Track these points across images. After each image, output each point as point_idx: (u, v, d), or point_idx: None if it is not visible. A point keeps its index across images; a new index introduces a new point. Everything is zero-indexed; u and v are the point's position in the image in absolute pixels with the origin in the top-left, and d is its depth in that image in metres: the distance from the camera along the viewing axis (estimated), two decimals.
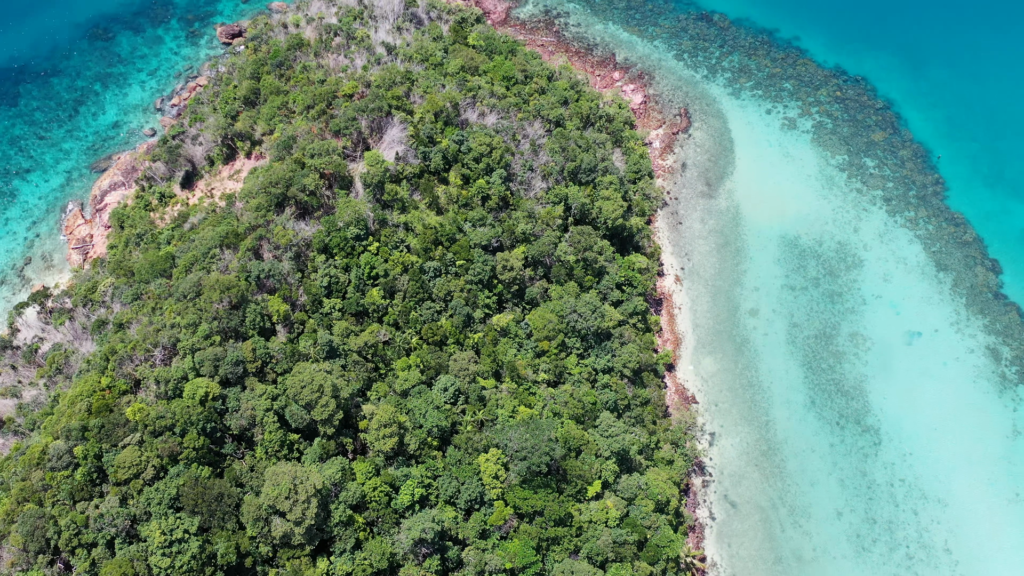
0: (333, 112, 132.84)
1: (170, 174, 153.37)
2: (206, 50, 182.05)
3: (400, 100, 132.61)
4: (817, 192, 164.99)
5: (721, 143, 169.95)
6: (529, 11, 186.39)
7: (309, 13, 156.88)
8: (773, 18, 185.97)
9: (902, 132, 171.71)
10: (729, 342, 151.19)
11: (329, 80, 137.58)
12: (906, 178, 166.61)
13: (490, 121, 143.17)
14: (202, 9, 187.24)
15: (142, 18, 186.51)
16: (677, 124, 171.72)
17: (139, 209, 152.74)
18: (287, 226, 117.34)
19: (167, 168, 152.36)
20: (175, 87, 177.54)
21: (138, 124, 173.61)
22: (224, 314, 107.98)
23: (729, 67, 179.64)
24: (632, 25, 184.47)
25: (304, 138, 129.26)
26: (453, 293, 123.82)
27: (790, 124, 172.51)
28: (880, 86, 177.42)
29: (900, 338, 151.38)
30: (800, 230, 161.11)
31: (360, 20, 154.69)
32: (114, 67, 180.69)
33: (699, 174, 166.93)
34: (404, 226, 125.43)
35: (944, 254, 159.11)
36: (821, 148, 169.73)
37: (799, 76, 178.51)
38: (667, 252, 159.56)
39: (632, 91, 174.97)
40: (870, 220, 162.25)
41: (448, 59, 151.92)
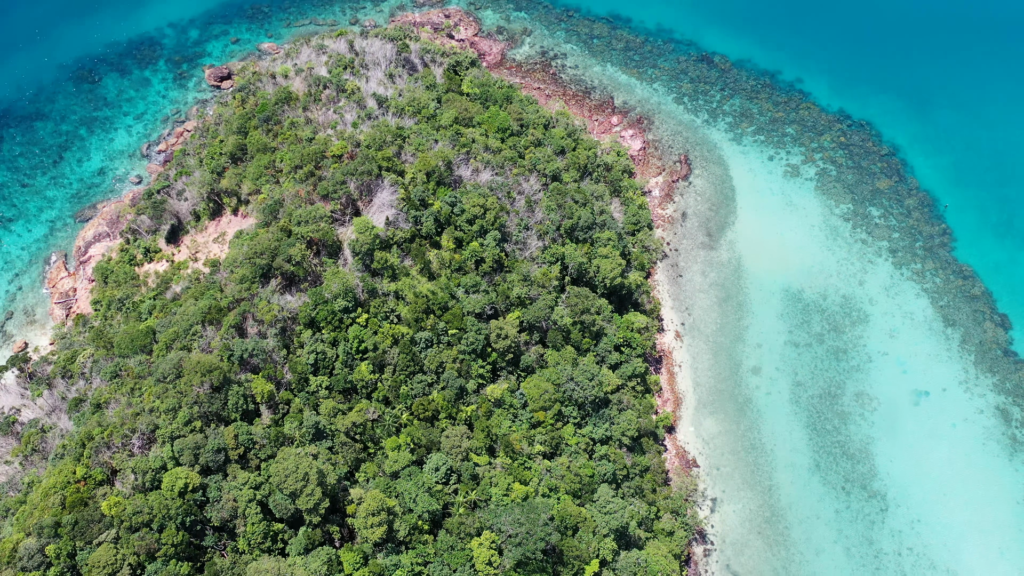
0: (321, 174, 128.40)
1: (155, 228, 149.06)
2: (194, 93, 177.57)
3: (391, 161, 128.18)
4: (821, 243, 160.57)
5: (722, 191, 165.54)
6: (525, 52, 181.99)
7: (298, 62, 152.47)
8: (775, 60, 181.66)
9: (908, 179, 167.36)
10: (731, 402, 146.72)
11: (318, 138, 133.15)
12: (912, 228, 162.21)
13: (484, 178, 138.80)
14: (190, 50, 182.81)
15: (129, 59, 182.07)
16: (677, 171, 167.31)
17: (123, 264, 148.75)
18: (272, 300, 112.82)
19: (152, 222, 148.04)
20: (162, 132, 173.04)
21: (124, 171, 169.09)
22: (205, 398, 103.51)
23: (730, 111, 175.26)
24: (631, 67, 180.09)
25: (291, 202, 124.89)
26: (445, 364, 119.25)
27: (793, 171, 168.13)
28: (885, 131, 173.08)
29: (907, 398, 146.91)
30: (804, 283, 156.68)
31: (351, 70, 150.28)
32: (100, 111, 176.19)
33: (700, 224, 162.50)
34: (395, 294, 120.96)
35: (952, 308, 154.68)
36: (825, 196, 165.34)
37: (802, 121, 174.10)
38: (667, 307, 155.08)
39: (631, 137, 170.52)
40: (876, 273, 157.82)
41: (441, 110, 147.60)
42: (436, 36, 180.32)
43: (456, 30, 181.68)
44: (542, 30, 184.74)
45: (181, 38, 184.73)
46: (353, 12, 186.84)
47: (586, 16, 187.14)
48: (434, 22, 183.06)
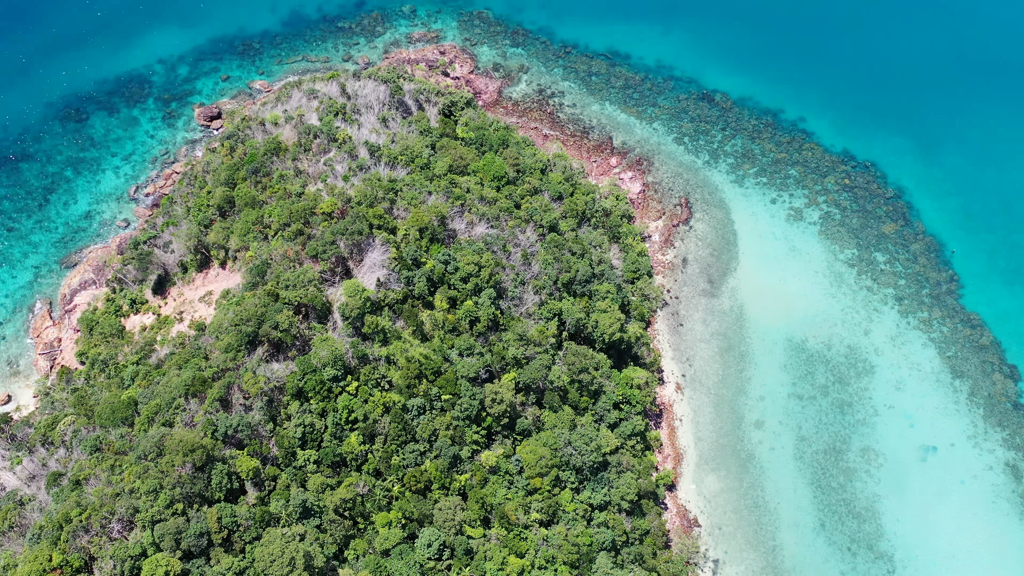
0: (311, 232, 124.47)
1: (142, 278, 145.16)
2: (183, 132, 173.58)
3: (382, 219, 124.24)
4: (825, 290, 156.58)
5: (724, 236, 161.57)
6: (522, 90, 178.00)
7: (288, 109, 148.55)
8: (777, 98, 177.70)
9: (914, 223, 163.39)
10: (733, 458, 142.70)
11: (307, 193, 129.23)
12: (919, 275, 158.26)
13: (479, 231, 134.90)
14: (180, 88, 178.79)
15: (117, 97, 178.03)
16: (677, 215, 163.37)
17: (109, 315, 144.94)
18: (258, 371, 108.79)
19: (138, 272, 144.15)
20: (150, 174, 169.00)
21: (111, 215, 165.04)
22: (187, 478, 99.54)
23: (732, 152, 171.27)
24: (630, 106, 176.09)
25: (279, 263, 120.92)
26: (439, 432, 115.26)
27: (796, 215, 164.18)
28: (890, 172, 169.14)
29: (914, 453, 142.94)
30: (807, 332, 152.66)
31: (342, 116, 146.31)
32: (87, 151, 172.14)
33: (701, 270, 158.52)
34: (386, 359, 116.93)
35: (960, 359, 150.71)
36: (829, 241, 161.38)
37: (805, 162, 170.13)
38: (667, 357, 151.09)
39: (630, 179, 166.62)
40: (881, 321, 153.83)
41: (435, 158, 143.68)
42: (431, 74, 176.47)
43: (451, 68, 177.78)
44: (539, 67, 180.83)
45: (171, 75, 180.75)
46: (346, 48, 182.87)
47: (584, 53, 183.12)
48: (429, 59, 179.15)
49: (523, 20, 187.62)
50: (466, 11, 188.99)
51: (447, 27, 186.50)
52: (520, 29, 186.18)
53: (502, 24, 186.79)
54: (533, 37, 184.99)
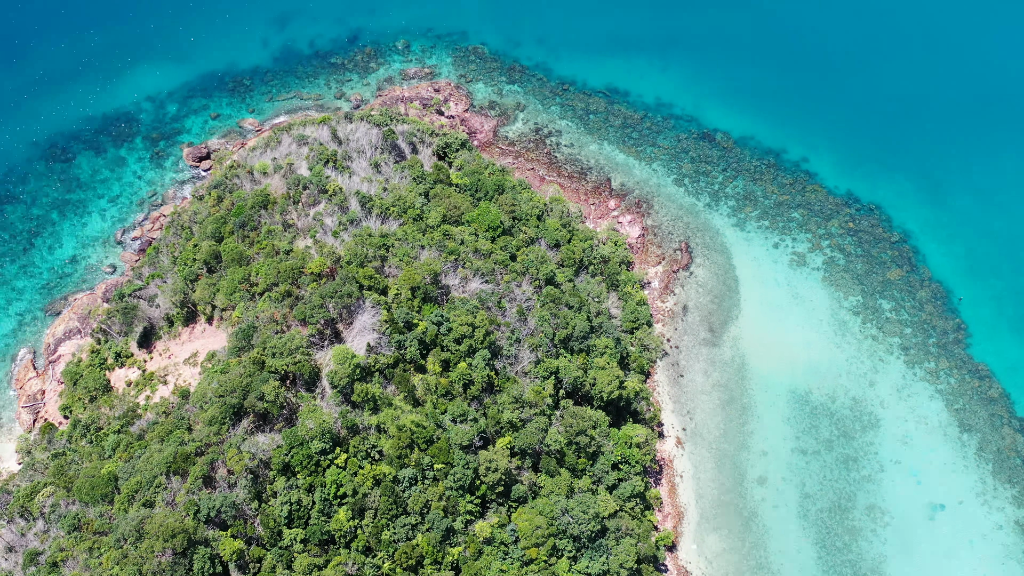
0: (299, 293, 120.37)
1: (127, 330, 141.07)
2: (171, 173, 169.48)
3: (373, 279, 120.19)
4: (829, 339, 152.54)
5: (725, 282, 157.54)
6: (518, 129, 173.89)
7: (277, 156, 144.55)
8: (779, 137, 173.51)
9: (920, 269, 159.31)
10: (735, 516, 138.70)
11: (296, 250, 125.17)
12: (925, 323, 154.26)
13: (473, 287, 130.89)
14: (168, 126, 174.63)
15: (104, 136, 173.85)
16: (678, 260, 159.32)
17: (94, 368, 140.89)
18: (243, 447, 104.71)
19: (123, 325, 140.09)
20: (137, 217, 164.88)
21: (97, 259, 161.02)
22: (167, 565, 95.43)
23: (733, 194, 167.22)
24: (629, 145, 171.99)
25: (266, 326, 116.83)
26: (431, 503, 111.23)
27: (799, 260, 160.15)
28: (896, 215, 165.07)
29: (921, 511, 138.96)
30: (811, 384, 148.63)
31: (333, 163, 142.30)
32: (73, 193, 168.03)
33: (701, 318, 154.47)
34: (376, 428, 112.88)
35: (968, 412, 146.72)
36: (833, 288, 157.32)
37: (808, 204, 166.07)
38: (667, 410, 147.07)
39: (629, 223, 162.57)
40: (887, 372, 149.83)
41: (429, 207, 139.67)
42: (425, 112, 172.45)
43: (446, 106, 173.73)
44: (536, 105, 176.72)
45: (159, 113, 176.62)
46: (339, 85, 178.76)
47: (582, 90, 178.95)
48: (423, 96, 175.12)
49: (519, 56, 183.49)
50: (461, 46, 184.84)
51: (442, 63, 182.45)
52: (516, 65, 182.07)
53: (498, 60, 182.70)
54: (530, 73, 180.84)
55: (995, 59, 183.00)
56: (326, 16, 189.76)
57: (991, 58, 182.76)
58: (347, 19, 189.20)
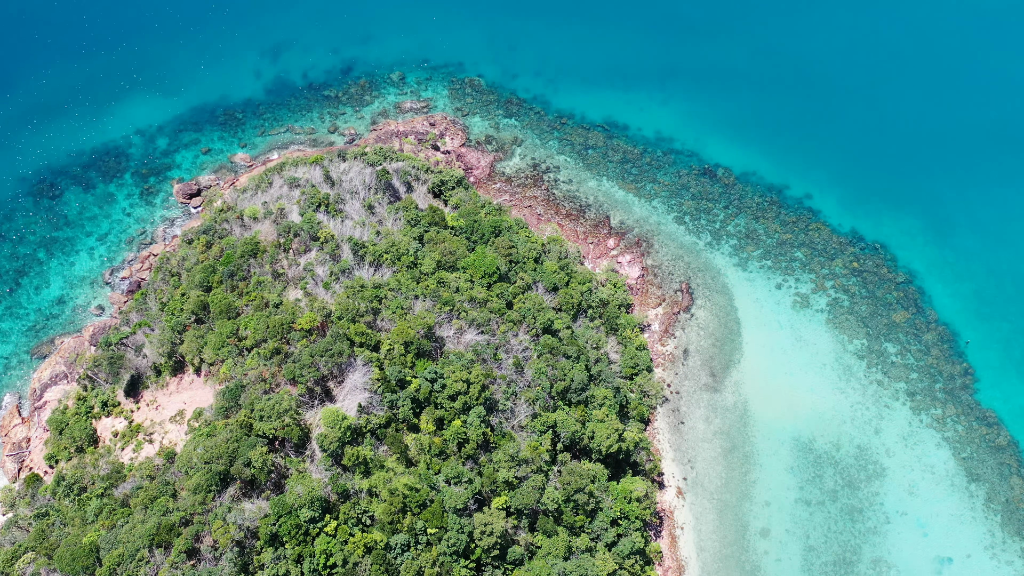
0: (289, 349, 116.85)
1: (114, 380, 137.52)
2: (161, 210, 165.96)
3: (365, 335, 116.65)
4: (833, 384, 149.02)
5: (727, 324, 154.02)
6: (515, 165, 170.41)
7: (268, 200, 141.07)
8: (782, 173, 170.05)
9: (926, 311, 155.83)
10: (737, 571, 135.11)
11: (285, 304, 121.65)
12: (931, 367, 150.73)
13: (468, 338, 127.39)
14: (158, 161, 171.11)
15: (93, 171, 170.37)
16: (678, 302, 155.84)
17: (80, 417, 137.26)
18: (228, 517, 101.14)
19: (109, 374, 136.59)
20: (126, 256, 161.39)
21: (85, 300, 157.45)
22: None
23: (735, 232, 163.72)
24: (628, 182, 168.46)
25: (254, 385, 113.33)
26: (424, 570, 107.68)
27: (802, 301, 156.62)
28: (901, 254, 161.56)
29: (929, 565, 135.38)
30: (815, 431, 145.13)
31: (325, 207, 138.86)
32: (60, 230, 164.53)
33: (703, 362, 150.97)
34: (368, 492, 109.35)
35: (976, 461, 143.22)
36: (837, 331, 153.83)
37: (811, 243, 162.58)
38: (668, 458, 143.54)
39: (628, 263, 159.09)
40: (893, 419, 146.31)
41: (423, 253, 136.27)
42: (420, 148, 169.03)
43: (442, 141, 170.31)
44: (533, 139, 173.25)
45: (149, 147, 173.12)
46: (332, 119, 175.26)
47: (580, 124, 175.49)
48: (418, 131, 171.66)
49: (517, 88, 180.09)
50: (458, 78, 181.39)
51: (438, 95, 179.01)
52: (514, 98, 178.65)
53: (495, 93, 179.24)
54: (527, 107, 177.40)
55: (1002, 92, 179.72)
56: (320, 46, 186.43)
57: (998, 91, 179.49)
58: (341, 50, 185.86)
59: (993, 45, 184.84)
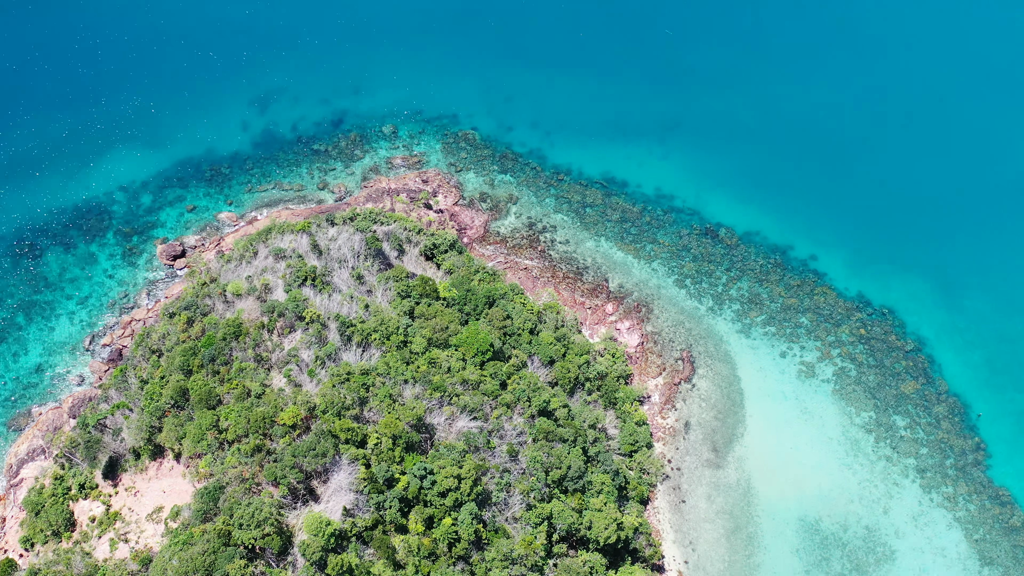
0: (270, 446, 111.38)
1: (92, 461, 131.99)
2: (144, 272, 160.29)
3: (351, 431, 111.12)
4: (840, 460, 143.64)
5: (729, 396, 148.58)
6: (511, 224, 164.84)
7: (252, 273, 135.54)
8: (786, 233, 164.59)
9: (936, 381, 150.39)
10: None
11: (267, 395, 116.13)
12: (942, 442, 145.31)
13: (461, 425, 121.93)
14: (141, 220, 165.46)
15: (74, 231, 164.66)
16: (679, 371, 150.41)
17: (57, 498, 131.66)
18: None
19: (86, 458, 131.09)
20: (108, 321, 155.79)
21: (64, 368, 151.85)
22: None
23: (738, 296, 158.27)
24: (627, 242, 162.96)
25: (234, 486, 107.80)
26: None
27: (808, 371, 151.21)
28: (909, 320, 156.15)
29: None
30: (821, 511, 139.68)
31: (312, 281, 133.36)
32: (40, 293, 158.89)
33: (704, 436, 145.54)
34: None
35: (988, 543, 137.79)
36: (844, 403, 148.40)
37: (817, 308, 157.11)
38: (668, 540, 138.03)
39: (628, 330, 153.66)
40: (902, 498, 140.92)
41: (413, 330, 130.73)
42: (412, 207, 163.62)
43: (435, 200, 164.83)
44: (529, 197, 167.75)
45: (132, 204, 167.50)
46: (322, 175, 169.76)
47: (578, 181, 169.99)
48: (410, 188, 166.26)
49: (512, 142, 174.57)
50: (451, 131, 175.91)
51: (430, 150, 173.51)
52: (509, 153, 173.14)
53: (490, 147, 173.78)
54: (523, 162, 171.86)
55: (1015, 152, 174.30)
56: (310, 96, 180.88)
57: (1010, 150, 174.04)
58: (332, 100, 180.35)
59: (1006, 103, 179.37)
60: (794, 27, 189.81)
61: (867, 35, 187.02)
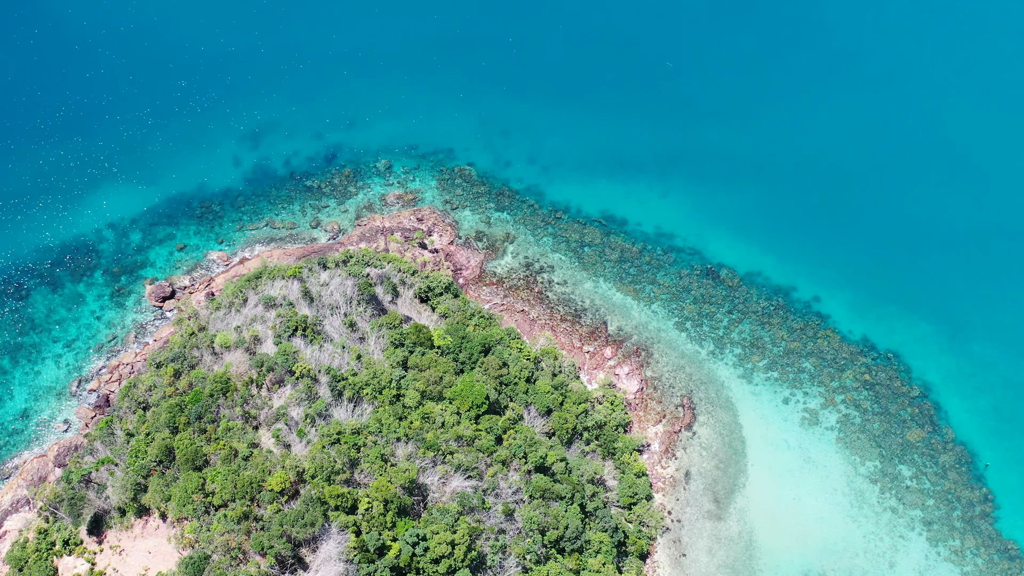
0: (258, 512, 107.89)
1: (76, 518, 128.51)
2: (132, 314, 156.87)
3: (341, 497, 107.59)
4: (845, 512, 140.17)
5: (731, 444, 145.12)
6: (507, 264, 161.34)
7: (241, 323, 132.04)
8: (788, 274, 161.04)
9: (942, 429, 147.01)
10: None
11: (255, 458, 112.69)
12: (949, 492, 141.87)
13: (455, 484, 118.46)
14: (130, 259, 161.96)
15: (61, 270, 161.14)
16: (679, 419, 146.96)
17: (41, 554, 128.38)
18: None
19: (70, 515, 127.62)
20: (95, 365, 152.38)
21: (50, 414, 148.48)
22: None
23: (739, 340, 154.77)
24: (626, 283, 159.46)
25: (220, 556, 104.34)
26: None
27: (811, 418, 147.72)
28: (915, 365, 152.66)
29: None
30: (826, 565, 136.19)
31: (302, 332, 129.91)
32: (26, 335, 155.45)
33: (705, 486, 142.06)
34: None
35: None
36: (848, 451, 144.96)
37: (820, 353, 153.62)
38: None
39: (627, 375, 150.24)
40: (908, 551, 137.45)
41: (406, 382, 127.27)
42: (407, 246, 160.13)
43: (430, 239, 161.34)
44: (526, 235, 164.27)
45: (121, 243, 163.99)
46: (315, 212, 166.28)
47: (576, 218, 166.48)
48: (405, 227, 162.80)
49: (509, 178, 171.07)
50: (447, 167, 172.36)
51: (425, 186, 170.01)
52: (506, 189, 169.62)
53: (486, 183, 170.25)
54: (520, 199, 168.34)
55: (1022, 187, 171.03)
56: (303, 130, 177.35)
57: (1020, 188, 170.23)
58: (325, 134, 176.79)
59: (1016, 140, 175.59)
60: (797, 60, 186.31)
61: (872, 68, 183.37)
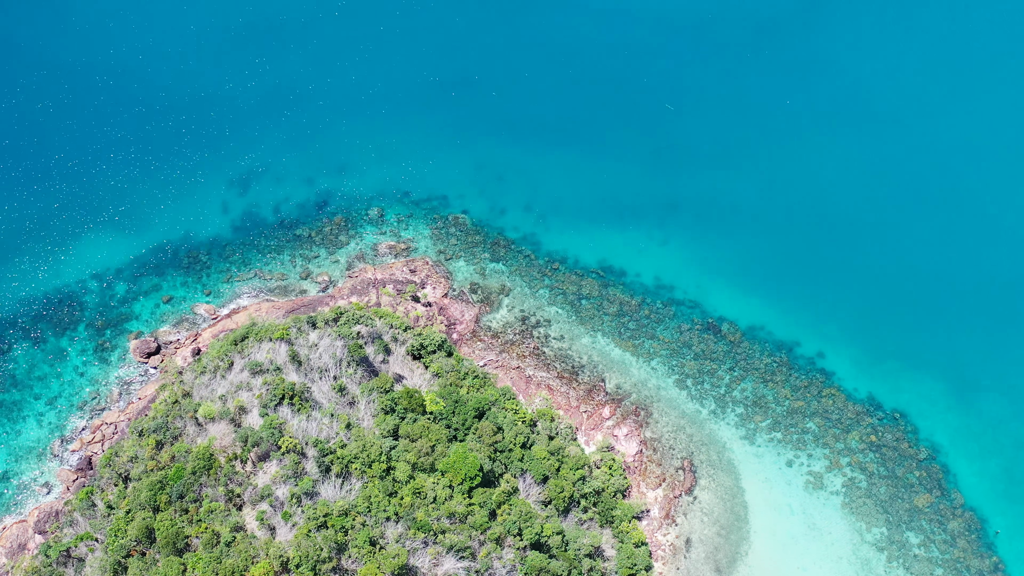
0: None
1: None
2: (116, 370, 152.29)
3: None
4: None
5: (733, 509, 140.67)
6: (503, 318, 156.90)
7: (225, 392, 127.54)
8: (791, 328, 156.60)
9: (951, 493, 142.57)
10: None
11: (237, 544, 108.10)
12: (958, 561, 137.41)
13: (447, 567, 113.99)
14: (115, 311, 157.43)
15: (44, 323, 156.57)
16: (680, 482, 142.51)
17: None
18: None
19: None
20: (77, 425, 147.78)
21: (31, 476, 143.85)
22: None
23: (741, 398, 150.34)
24: (625, 338, 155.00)
25: None
26: None
27: (816, 482, 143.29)
28: (923, 425, 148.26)
29: None
30: None
31: (290, 400, 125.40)
32: (7, 392, 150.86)
33: (707, 555, 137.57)
34: None
35: None
36: (854, 517, 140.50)
37: (825, 412, 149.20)
38: None
39: (625, 436, 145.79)
40: None
41: (397, 454, 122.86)
42: (399, 300, 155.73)
43: (423, 293, 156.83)
44: (522, 288, 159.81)
45: (105, 294, 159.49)
46: (304, 263, 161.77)
47: (573, 270, 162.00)
48: (397, 279, 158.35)
49: (504, 227, 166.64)
50: (441, 215, 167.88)
51: (419, 235, 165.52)
52: (501, 239, 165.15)
53: (481, 232, 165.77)
54: (516, 249, 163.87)
55: None
56: (293, 176, 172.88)
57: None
58: (316, 180, 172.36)
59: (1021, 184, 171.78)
60: (800, 105, 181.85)
61: (878, 114, 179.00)
